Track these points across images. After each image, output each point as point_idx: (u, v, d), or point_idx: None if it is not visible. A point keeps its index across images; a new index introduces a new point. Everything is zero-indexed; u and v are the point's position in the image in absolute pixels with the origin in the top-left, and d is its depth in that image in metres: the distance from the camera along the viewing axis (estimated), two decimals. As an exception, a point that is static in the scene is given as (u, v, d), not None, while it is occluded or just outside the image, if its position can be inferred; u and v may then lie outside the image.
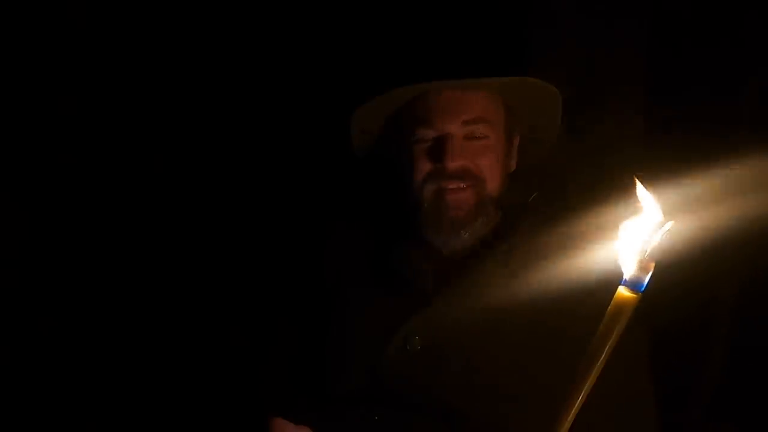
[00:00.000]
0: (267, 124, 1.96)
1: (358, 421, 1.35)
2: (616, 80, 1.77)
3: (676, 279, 1.67)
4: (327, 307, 1.43)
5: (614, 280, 0.73)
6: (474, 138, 1.33)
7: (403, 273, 1.38)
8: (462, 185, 1.33)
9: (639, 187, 0.70)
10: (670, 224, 0.66)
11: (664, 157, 1.54)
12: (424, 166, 1.34)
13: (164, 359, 1.92)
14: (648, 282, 0.68)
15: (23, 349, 1.88)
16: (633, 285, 0.68)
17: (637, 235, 0.68)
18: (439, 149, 1.32)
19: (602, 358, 0.73)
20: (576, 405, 0.77)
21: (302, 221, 1.64)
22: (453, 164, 1.31)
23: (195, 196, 1.96)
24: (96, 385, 1.91)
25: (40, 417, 1.87)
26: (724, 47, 1.73)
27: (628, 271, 0.68)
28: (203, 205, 1.96)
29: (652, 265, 0.68)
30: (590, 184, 1.55)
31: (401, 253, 1.39)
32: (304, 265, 1.49)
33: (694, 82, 1.72)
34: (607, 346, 0.72)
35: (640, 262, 0.67)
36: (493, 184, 1.34)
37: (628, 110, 1.76)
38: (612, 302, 0.69)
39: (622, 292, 0.68)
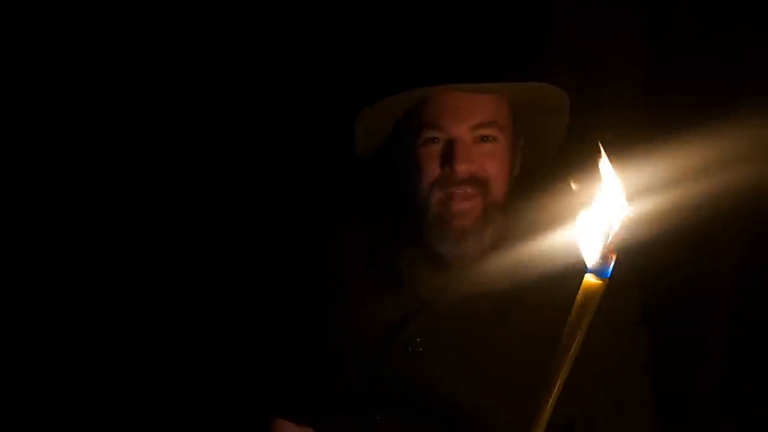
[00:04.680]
0: (269, 123, 1.96)
1: (360, 421, 1.35)
2: (617, 75, 1.76)
3: (677, 278, 1.66)
4: (328, 307, 1.44)
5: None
6: (482, 142, 1.32)
7: (403, 276, 1.39)
8: (469, 191, 1.32)
9: (603, 161, 0.69)
10: (630, 209, 0.66)
11: (664, 153, 1.53)
12: (432, 171, 1.33)
13: (165, 359, 1.93)
14: (613, 268, 0.67)
15: (23, 349, 1.89)
16: (598, 272, 0.67)
17: (599, 219, 0.67)
18: (447, 153, 1.31)
19: (573, 348, 0.72)
20: (552, 397, 0.76)
21: (304, 222, 1.64)
22: (462, 169, 1.30)
23: (196, 196, 1.97)
24: (96, 385, 1.91)
25: (41, 417, 1.88)
26: (724, 46, 1.71)
27: (593, 258, 0.68)
28: (204, 205, 1.97)
29: (615, 250, 0.67)
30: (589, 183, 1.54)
31: (403, 257, 1.40)
32: (306, 266, 1.49)
33: (694, 81, 1.71)
34: (578, 336, 0.71)
35: (604, 247, 0.66)
36: (499, 189, 1.34)
37: (629, 105, 1.75)
38: (579, 290, 0.68)
39: (589, 279, 0.67)
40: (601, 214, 0.67)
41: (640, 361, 1.35)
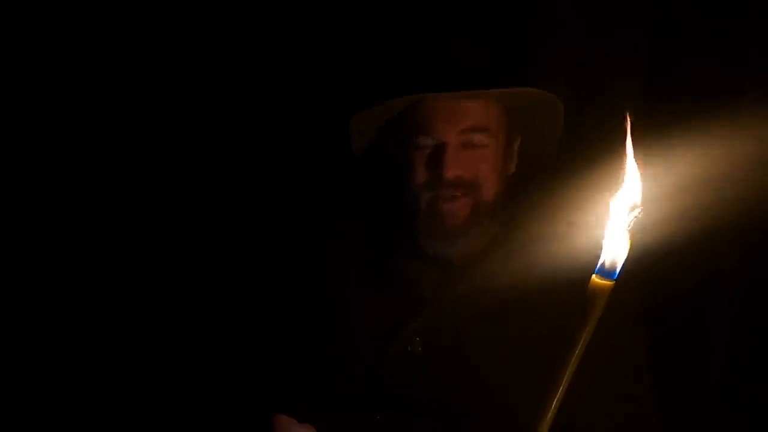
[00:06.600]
0: (268, 122, 1.97)
1: (360, 421, 1.35)
2: (616, 79, 1.77)
3: (679, 279, 1.67)
4: (328, 307, 1.44)
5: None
6: (472, 146, 1.32)
7: (403, 276, 1.39)
8: (458, 193, 1.32)
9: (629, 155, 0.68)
10: (639, 211, 0.66)
11: (664, 156, 1.53)
12: (421, 174, 1.33)
13: (165, 359, 1.93)
14: (620, 270, 0.67)
15: (23, 349, 1.89)
16: (606, 273, 0.67)
17: (611, 220, 0.67)
18: (435, 158, 1.31)
19: (579, 348, 0.72)
20: (556, 398, 0.76)
21: (303, 222, 1.64)
22: (449, 174, 1.30)
23: (195, 196, 1.97)
24: (96, 385, 1.91)
25: (40, 417, 1.88)
26: (724, 49, 1.72)
27: (601, 258, 0.68)
28: (204, 206, 1.97)
29: (624, 251, 0.67)
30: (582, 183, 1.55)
31: (402, 256, 1.40)
32: (307, 266, 1.49)
33: (694, 85, 1.71)
34: (584, 336, 0.71)
35: (613, 248, 0.67)
36: (489, 191, 1.34)
37: (628, 109, 1.75)
38: (587, 291, 0.68)
39: (596, 279, 0.67)
40: (613, 214, 0.68)
41: (640, 360, 1.35)
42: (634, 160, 0.68)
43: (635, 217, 0.66)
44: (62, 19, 1.87)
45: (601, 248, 0.68)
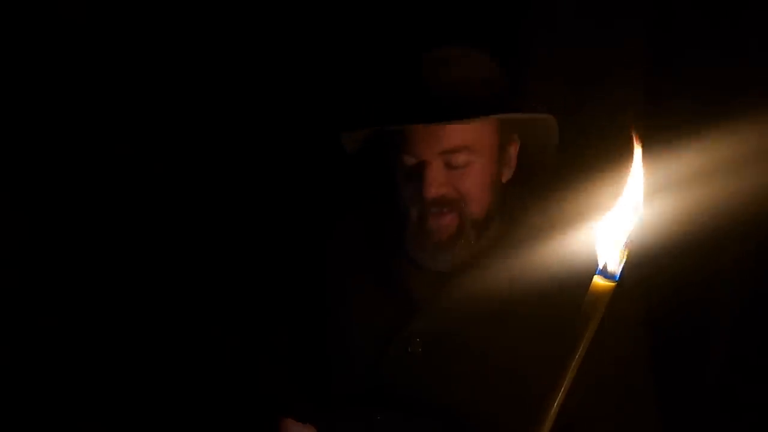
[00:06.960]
0: (267, 123, 1.97)
1: (360, 421, 1.36)
2: (615, 78, 1.76)
3: (681, 280, 1.67)
4: (328, 307, 1.44)
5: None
6: (455, 164, 1.31)
7: (404, 277, 1.39)
8: (444, 210, 1.32)
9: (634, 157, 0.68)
10: (642, 211, 0.66)
11: (664, 157, 1.53)
12: (406, 192, 1.33)
13: (166, 360, 1.93)
14: (622, 271, 0.67)
15: (23, 349, 1.89)
16: (607, 274, 0.67)
17: (613, 221, 0.67)
18: (418, 177, 1.31)
19: (580, 349, 0.72)
20: (557, 398, 0.76)
21: (304, 223, 1.64)
22: (430, 193, 1.30)
23: (195, 197, 1.97)
24: (96, 385, 1.91)
25: (41, 417, 1.88)
26: (724, 48, 1.72)
27: (603, 260, 0.68)
28: (204, 206, 1.97)
29: (625, 252, 0.67)
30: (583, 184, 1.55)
31: (399, 257, 1.40)
32: (307, 266, 1.50)
33: (694, 83, 1.71)
34: (585, 337, 0.71)
35: (614, 249, 0.67)
36: (478, 206, 1.33)
37: (627, 109, 1.75)
38: (588, 292, 0.68)
39: (598, 281, 0.67)
40: (615, 215, 0.67)
41: (641, 360, 1.36)
42: (637, 161, 0.68)
43: (637, 217, 0.66)
44: (62, 19, 1.87)
45: (602, 250, 0.68)
